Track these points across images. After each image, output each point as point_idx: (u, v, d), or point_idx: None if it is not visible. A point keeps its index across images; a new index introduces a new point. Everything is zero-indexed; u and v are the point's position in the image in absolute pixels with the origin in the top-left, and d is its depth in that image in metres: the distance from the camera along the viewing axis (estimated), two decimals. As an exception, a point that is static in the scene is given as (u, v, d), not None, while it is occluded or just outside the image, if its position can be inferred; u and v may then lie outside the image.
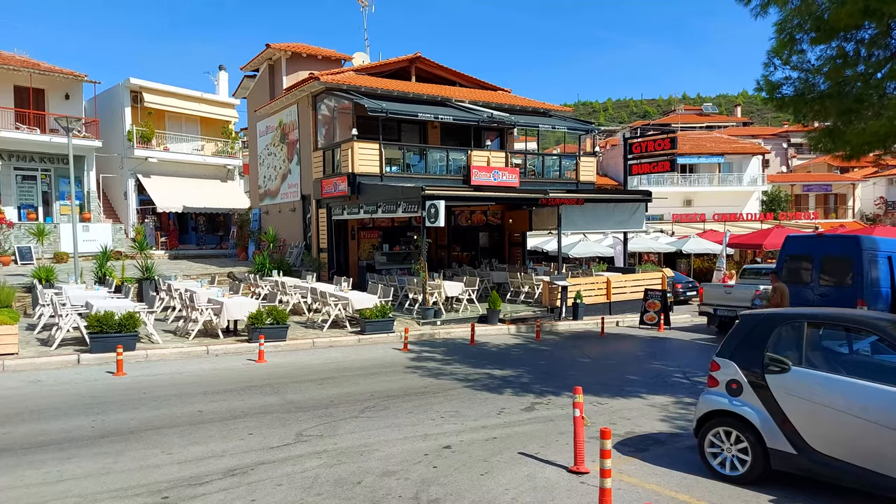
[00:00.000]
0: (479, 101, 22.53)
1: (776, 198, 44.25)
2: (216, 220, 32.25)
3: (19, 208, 24.95)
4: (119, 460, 6.34)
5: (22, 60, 25.03)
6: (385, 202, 18.16)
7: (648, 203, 20.59)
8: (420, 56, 23.81)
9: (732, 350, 6.18)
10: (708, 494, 5.64)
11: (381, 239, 22.52)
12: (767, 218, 39.90)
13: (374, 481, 5.87)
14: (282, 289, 17.21)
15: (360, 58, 26.84)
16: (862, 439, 5.21)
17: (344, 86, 20.13)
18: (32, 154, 25.09)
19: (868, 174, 47.08)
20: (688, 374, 11.10)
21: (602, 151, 43.08)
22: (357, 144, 19.01)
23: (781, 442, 5.63)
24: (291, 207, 23.94)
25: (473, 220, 24.48)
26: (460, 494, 5.57)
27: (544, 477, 6.01)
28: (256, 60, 26.00)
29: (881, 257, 13.01)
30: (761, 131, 59.72)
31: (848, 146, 10.40)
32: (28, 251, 22.26)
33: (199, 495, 5.50)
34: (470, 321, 15.56)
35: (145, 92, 27.31)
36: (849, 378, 5.42)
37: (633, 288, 19.30)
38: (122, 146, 27.22)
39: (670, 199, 37.49)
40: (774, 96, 10.74)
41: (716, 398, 6.13)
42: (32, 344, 12.33)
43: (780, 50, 10.23)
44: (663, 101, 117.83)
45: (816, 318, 6.03)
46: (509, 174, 21.03)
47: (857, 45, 9.78)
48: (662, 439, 7.28)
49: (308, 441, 7.01)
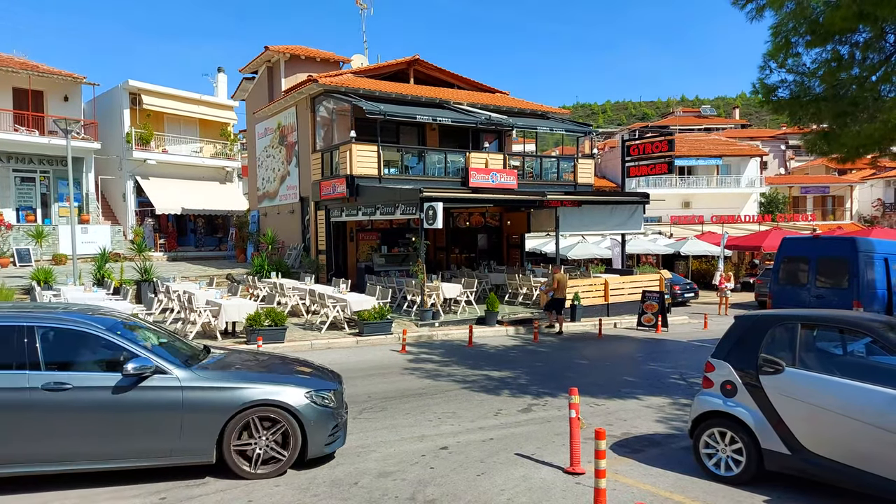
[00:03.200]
0: (478, 104, 22.58)
1: (774, 200, 44.34)
2: (215, 222, 32.28)
3: (18, 210, 24.96)
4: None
5: (21, 62, 25.07)
6: (383, 204, 18.20)
7: (646, 205, 20.63)
8: (418, 58, 23.87)
9: (727, 351, 6.22)
10: (703, 495, 5.68)
11: (379, 241, 22.55)
12: (765, 220, 39.99)
13: (371, 482, 5.90)
14: (280, 290, 17.24)
15: (358, 60, 26.92)
16: (856, 440, 5.25)
17: (342, 88, 20.17)
18: (31, 156, 25.12)
19: (866, 176, 47.18)
20: (684, 376, 11.14)
21: (600, 153, 43.14)
22: (355, 146, 19.05)
23: (775, 443, 5.67)
24: (290, 209, 23.98)
25: (472, 222, 24.53)
26: (457, 495, 5.61)
27: (540, 477, 6.05)
28: (255, 63, 26.05)
29: (878, 259, 13.04)
30: (759, 133, 59.82)
31: (843, 149, 10.46)
32: (27, 253, 22.28)
33: (197, 496, 5.54)
34: (468, 323, 15.59)
35: (144, 94, 27.35)
36: (843, 379, 5.46)
37: (630, 290, 19.34)
38: (121, 148, 27.24)
39: (668, 200, 37.53)
40: (770, 99, 10.81)
41: (711, 399, 6.16)
42: (31, 346, 12.33)
43: (775, 53, 10.29)
44: (661, 104, 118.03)
45: (810, 320, 6.07)
46: (507, 176, 21.08)
47: (851, 49, 9.85)
48: (658, 440, 7.31)
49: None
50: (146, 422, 5.64)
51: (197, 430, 5.74)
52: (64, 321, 5.84)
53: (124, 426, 5.60)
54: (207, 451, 5.79)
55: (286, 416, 5.95)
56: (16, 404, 5.39)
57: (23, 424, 5.41)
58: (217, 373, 6.08)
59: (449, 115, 20.37)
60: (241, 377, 6.10)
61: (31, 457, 5.46)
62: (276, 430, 5.95)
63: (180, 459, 5.78)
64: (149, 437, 5.66)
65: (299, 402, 6.02)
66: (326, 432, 6.16)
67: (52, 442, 5.46)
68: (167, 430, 5.67)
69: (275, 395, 5.96)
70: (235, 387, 5.91)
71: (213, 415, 5.78)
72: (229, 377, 6.05)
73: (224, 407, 5.80)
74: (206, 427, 5.76)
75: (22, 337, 5.58)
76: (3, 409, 5.37)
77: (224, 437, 5.79)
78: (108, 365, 5.76)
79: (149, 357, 5.76)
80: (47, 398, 5.44)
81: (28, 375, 5.48)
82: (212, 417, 5.77)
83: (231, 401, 5.82)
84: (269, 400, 5.92)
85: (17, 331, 5.61)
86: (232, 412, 5.80)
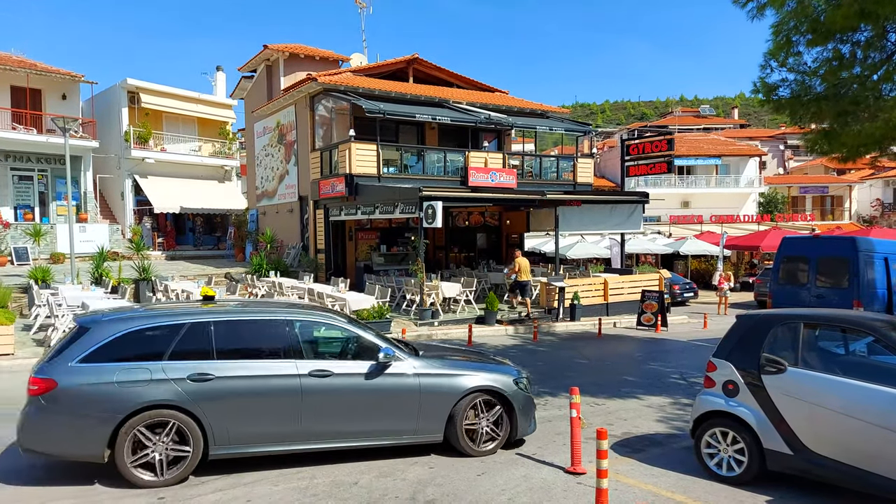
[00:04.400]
0: (477, 103, 22.54)
1: (773, 199, 44.36)
2: (213, 221, 32.21)
3: (16, 209, 24.88)
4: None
5: (19, 60, 24.98)
6: (382, 203, 18.16)
7: (646, 204, 20.59)
8: (418, 57, 23.82)
9: (729, 351, 6.20)
10: (704, 495, 5.65)
11: (378, 240, 22.50)
12: (764, 219, 39.99)
13: (371, 481, 5.86)
14: (279, 289, 17.20)
15: (357, 59, 26.86)
16: (858, 440, 5.22)
17: (341, 87, 20.12)
18: (29, 154, 25.05)
19: (865, 176, 47.22)
20: (685, 375, 11.11)
21: (599, 153, 43.12)
22: (354, 145, 19.00)
23: (777, 442, 5.64)
24: (289, 208, 23.93)
25: (471, 221, 24.49)
26: (457, 495, 5.57)
27: (541, 477, 6.01)
28: (254, 61, 25.98)
29: (877, 258, 13.03)
30: (758, 133, 59.84)
31: (844, 148, 10.42)
32: (24, 252, 22.21)
33: (195, 496, 5.50)
34: (467, 322, 15.55)
35: (142, 92, 27.27)
36: (845, 379, 5.43)
37: (630, 289, 19.31)
38: (120, 147, 27.17)
39: (667, 200, 37.50)
40: (771, 98, 10.76)
41: (712, 399, 6.13)
42: (28, 345, 12.30)
43: (776, 52, 10.25)
44: (661, 103, 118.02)
45: (812, 319, 6.04)
46: (507, 175, 21.04)
47: (853, 48, 9.81)
48: (659, 440, 7.29)
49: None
50: (394, 404, 6.32)
51: (431, 412, 6.44)
52: (314, 315, 6.58)
53: (378, 408, 6.25)
54: (438, 431, 6.49)
55: (502, 399, 6.66)
56: (291, 390, 5.97)
57: (296, 407, 5.97)
58: (440, 361, 6.74)
59: (448, 114, 20.33)
60: (461, 366, 6.81)
61: (301, 436, 6.04)
62: (493, 412, 6.65)
63: (419, 438, 6.48)
64: (396, 418, 6.33)
65: (510, 387, 6.72)
66: (530, 415, 6.91)
67: (319, 422, 6.07)
68: (409, 412, 6.36)
69: (492, 381, 6.67)
70: (459, 374, 6.63)
71: (444, 398, 6.48)
72: (451, 365, 6.75)
73: (452, 392, 6.50)
74: (438, 409, 6.45)
75: (285, 329, 6.22)
76: (281, 394, 5.94)
77: (454, 418, 6.45)
78: (356, 354, 6.47)
79: (389, 347, 6.40)
80: (315, 384, 6.04)
81: (296, 364, 6.05)
82: (442, 401, 6.47)
83: (457, 386, 6.53)
84: (488, 386, 6.62)
85: (282, 324, 6.24)
86: (459, 396, 6.50)
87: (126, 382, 5.55)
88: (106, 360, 5.63)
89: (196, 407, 5.66)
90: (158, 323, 5.95)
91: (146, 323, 5.94)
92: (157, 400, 5.57)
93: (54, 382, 5.48)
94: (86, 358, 5.61)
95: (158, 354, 5.76)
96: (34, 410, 5.52)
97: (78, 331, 5.82)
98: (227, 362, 5.88)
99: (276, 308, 6.59)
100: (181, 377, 5.68)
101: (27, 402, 5.60)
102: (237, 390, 5.81)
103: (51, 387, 5.47)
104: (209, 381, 5.74)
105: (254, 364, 5.97)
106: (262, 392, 5.88)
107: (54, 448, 5.59)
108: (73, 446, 5.56)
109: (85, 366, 5.58)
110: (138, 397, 5.53)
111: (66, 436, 5.50)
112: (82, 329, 5.82)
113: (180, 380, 5.67)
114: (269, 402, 5.89)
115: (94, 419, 5.47)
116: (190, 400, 5.65)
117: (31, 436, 5.54)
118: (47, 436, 5.52)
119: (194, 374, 5.72)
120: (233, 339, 6.07)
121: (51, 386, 5.47)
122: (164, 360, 5.74)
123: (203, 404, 5.69)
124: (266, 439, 5.95)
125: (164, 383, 5.62)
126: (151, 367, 5.66)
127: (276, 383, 5.92)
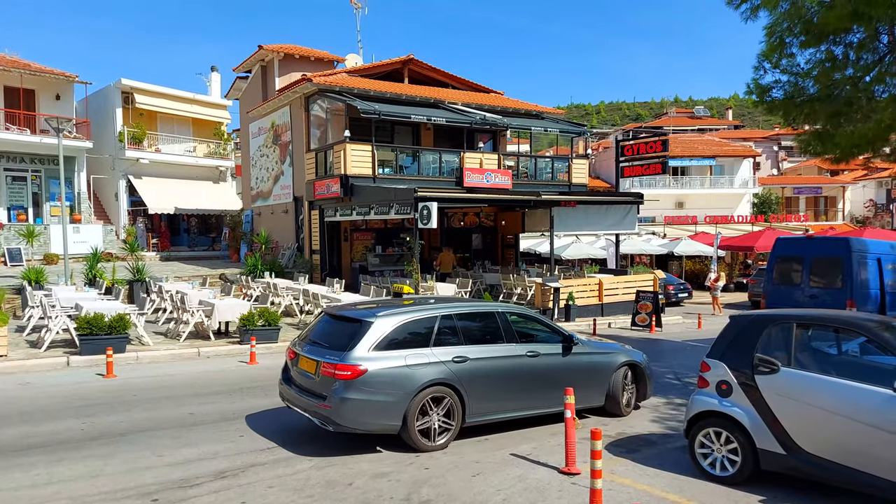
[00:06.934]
0: (472, 104, 22.56)
1: (767, 200, 44.52)
2: (208, 222, 32.13)
3: (9, 209, 24.79)
4: (109, 463, 6.31)
5: (12, 60, 24.87)
6: (378, 204, 18.14)
7: (640, 205, 20.64)
8: (413, 58, 23.82)
9: (722, 351, 6.22)
10: (698, 495, 5.66)
11: (373, 240, 22.49)
12: (758, 220, 40.12)
13: (366, 482, 5.86)
14: (274, 290, 17.16)
15: (352, 59, 26.82)
16: (851, 440, 5.25)
17: (336, 87, 20.11)
18: (22, 155, 24.94)
19: (858, 177, 47.47)
20: (679, 375, 11.14)
21: (594, 154, 43.20)
22: (350, 146, 18.99)
23: (771, 442, 5.67)
24: (284, 209, 23.88)
25: (466, 222, 24.49)
26: (452, 496, 5.58)
27: (536, 478, 6.02)
28: (249, 62, 25.94)
29: (870, 259, 13.09)
30: (752, 134, 60.10)
31: (837, 149, 10.49)
32: (18, 252, 22.11)
33: (190, 497, 5.48)
34: (462, 323, 15.55)
35: (137, 93, 27.19)
36: (838, 379, 5.46)
37: (625, 290, 19.36)
38: (114, 147, 27.08)
39: (662, 201, 37.62)
40: (765, 99, 10.82)
41: (706, 399, 6.15)
42: (21, 346, 12.24)
43: (770, 53, 10.31)
44: (655, 104, 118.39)
45: (805, 320, 6.07)
46: (502, 176, 21.06)
47: (845, 49, 9.87)
48: (653, 440, 7.31)
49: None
50: (579, 376, 7.61)
51: (597, 383, 7.98)
52: (511, 307, 8.26)
53: (569, 380, 7.11)
54: (599, 398, 8.03)
55: (637, 371, 8.40)
56: (517, 367, 7.29)
57: (521, 380, 7.29)
58: (592, 343, 8.46)
59: (443, 114, 20.33)
60: (609, 346, 8.69)
61: (521, 405, 7.38)
62: (633, 381, 8.34)
63: (589, 404, 7.96)
64: (581, 388, 7.30)
65: (643, 362, 8.50)
66: (652, 384, 8.71)
67: (533, 392, 7.40)
68: (588, 382, 7.78)
69: (633, 357, 8.42)
70: (611, 352, 8.34)
71: (604, 372, 8.04)
72: (602, 346, 8.58)
73: (609, 367, 8.09)
74: (601, 381, 8.00)
75: (499, 318, 7.55)
76: (512, 370, 7.24)
77: (614, 386, 8.06)
78: (544, 339, 7.79)
79: (573, 333, 7.99)
80: (531, 361, 7.40)
81: (515, 347, 7.36)
82: (603, 374, 8.03)
83: (612, 362, 8.14)
84: (631, 360, 8.33)
85: (497, 315, 7.60)
86: (614, 369, 8.10)
87: (414, 365, 6.63)
88: (390, 349, 6.64)
89: (460, 384, 6.82)
90: (420, 316, 7.03)
91: (411, 316, 6.97)
92: (436, 378, 6.69)
93: (364, 369, 6.39)
94: (377, 347, 6.58)
95: (426, 341, 6.88)
96: (351, 393, 6.34)
97: (361, 325, 6.73)
98: (472, 346, 7.09)
99: (481, 302, 8.14)
100: (448, 360, 6.83)
101: (339, 386, 6.34)
102: (485, 369, 7.03)
103: (362, 372, 6.38)
104: (467, 362, 6.91)
105: (489, 347, 7.21)
106: (500, 369, 7.13)
107: (363, 424, 6.49)
108: (379, 420, 6.51)
109: (379, 353, 6.55)
110: (423, 377, 6.63)
111: (373, 411, 6.44)
112: (366, 323, 6.71)
113: (448, 362, 6.82)
114: (504, 377, 7.14)
115: (397, 395, 6.48)
116: (456, 378, 6.80)
117: (348, 415, 6.37)
118: (359, 413, 6.40)
119: (457, 357, 6.89)
120: (468, 327, 7.31)
121: (362, 371, 6.38)
122: (430, 346, 6.86)
123: (464, 381, 6.85)
124: (498, 409, 7.19)
125: (437, 365, 6.75)
126: (426, 353, 6.78)
127: (508, 362, 7.20)
